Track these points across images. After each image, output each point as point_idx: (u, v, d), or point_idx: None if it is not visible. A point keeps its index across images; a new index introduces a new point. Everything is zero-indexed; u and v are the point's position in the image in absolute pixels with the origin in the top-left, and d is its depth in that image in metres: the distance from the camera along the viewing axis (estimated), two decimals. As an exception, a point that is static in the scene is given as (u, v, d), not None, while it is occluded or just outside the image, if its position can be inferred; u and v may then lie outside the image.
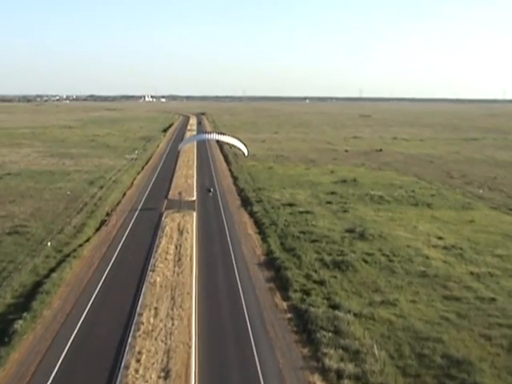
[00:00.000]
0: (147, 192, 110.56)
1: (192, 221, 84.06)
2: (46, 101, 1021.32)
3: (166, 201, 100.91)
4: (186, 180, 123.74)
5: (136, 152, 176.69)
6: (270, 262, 65.07)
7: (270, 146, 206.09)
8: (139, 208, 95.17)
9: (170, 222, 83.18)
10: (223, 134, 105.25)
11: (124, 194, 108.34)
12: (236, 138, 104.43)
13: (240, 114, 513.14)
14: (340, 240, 73.98)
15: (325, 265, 63.47)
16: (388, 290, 56.08)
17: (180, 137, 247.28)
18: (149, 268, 61.80)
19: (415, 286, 57.28)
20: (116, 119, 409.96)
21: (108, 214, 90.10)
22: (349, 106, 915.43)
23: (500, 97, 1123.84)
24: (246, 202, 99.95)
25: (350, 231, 78.65)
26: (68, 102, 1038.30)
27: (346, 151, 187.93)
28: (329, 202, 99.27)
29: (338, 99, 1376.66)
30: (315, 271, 61.00)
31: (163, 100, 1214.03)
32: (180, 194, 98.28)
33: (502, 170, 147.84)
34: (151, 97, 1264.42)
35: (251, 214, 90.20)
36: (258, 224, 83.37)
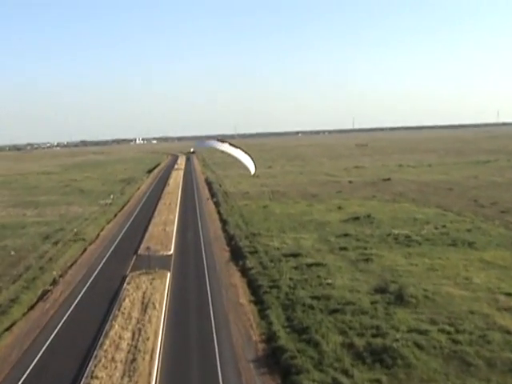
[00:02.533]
0: (113, 246, 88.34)
1: (163, 288, 61.65)
2: (36, 148, 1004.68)
3: (134, 258, 78.82)
4: (164, 227, 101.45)
5: (111, 196, 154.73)
6: (273, 357, 42.68)
7: (264, 181, 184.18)
8: (98, 270, 72.98)
9: (133, 290, 60.75)
10: (235, 146, 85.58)
11: (84, 251, 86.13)
12: (247, 154, 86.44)
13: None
14: (371, 307, 51.79)
15: (358, 357, 41.21)
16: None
17: (165, 177, 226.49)
18: (82, 380, 39.38)
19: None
20: (101, 162, 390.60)
21: (54, 282, 67.72)
22: (342, 137, 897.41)
23: (494, 120, 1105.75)
24: (236, 254, 77.80)
25: (382, 291, 56.57)
26: (59, 148, 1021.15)
27: (351, 182, 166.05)
28: (343, 248, 77.02)
29: (330, 131, 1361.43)
30: (346, 372, 38.61)
31: (154, 142, 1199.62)
32: (148, 249, 75.57)
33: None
34: (142, 139, 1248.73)
35: (244, 272, 68.00)
36: (254, 287, 61.10)
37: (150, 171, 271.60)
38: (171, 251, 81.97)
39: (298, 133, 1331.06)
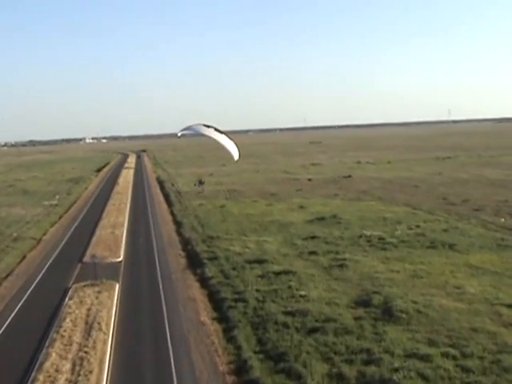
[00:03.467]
0: (56, 253, 79.16)
1: (111, 303, 53.04)
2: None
3: (79, 266, 70.00)
4: (113, 231, 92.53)
5: (57, 197, 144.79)
6: (247, 396, 34.72)
7: (219, 179, 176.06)
8: (36, 281, 63.87)
9: (76, 306, 51.99)
10: (220, 132, 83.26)
11: (23, 258, 76.75)
12: (232, 140, 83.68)
13: (183, 149, 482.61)
14: (355, 325, 44.14)
15: (353, 394, 33.47)
16: None
17: (115, 176, 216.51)
18: None
19: None
20: (49, 161, 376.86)
21: (-16, 297, 58.66)
22: (295, 134, 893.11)
23: (445, 117, 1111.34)
24: (194, 261, 69.48)
25: (364, 304, 49.08)
26: (6, 148, 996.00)
27: (310, 180, 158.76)
28: (313, 253, 69.26)
29: (282, 129, 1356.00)
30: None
31: (104, 141, 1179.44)
32: (94, 257, 66.61)
33: (504, 190, 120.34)
34: (92, 138, 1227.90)
35: (203, 282, 59.72)
36: (216, 301, 52.88)
37: (99, 170, 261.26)
38: (120, 258, 73.30)
39: (248, 131, 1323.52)
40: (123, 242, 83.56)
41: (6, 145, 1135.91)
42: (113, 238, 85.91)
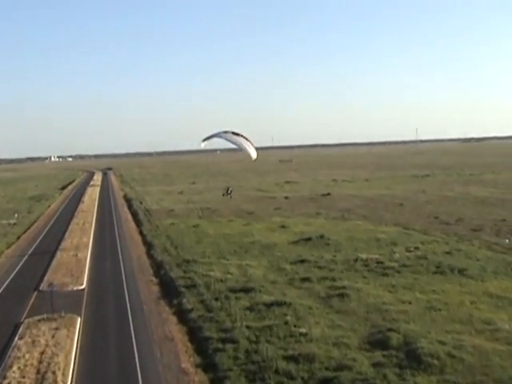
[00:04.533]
0: (9, 279, 69.23)
1: (70, 344, 43.42)
2: None
3: (34, 295, 60.33)
4: (76, 253, 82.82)
5: (16, 216, 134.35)
6: None
7: (190, 197, 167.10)
8: (-18, 315, 54.16)
9: (27, 349, 42.30)
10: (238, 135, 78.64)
11: (-30, 285, 66.91)
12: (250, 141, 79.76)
13: (150, 167, 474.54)
14: (376, 375, 35.32)
15: None
16: None
17: (80, 194, 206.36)
18: None
19: None
20: (11, 179, 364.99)
21: None
22: (262, 153, 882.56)
23: (413, 137, 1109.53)
24: (169, 289, 60.14)
25: (381, 345, 40.37)
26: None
27: (287, 198, 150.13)
28: (305, 280, 60.30)
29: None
30: None
31: (70, 159, 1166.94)
32: (51, 285, 56.70)
33: (497, 209, 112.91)
34: (57, 157, 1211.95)
35: (181, 316, 50.37)
36: (198, 341, 43.63)
37: (63, 188, 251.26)
38: (83, 285, 63.66)
39: (216, 150, 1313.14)
40: (87, 266, 73.97)
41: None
42: (75, 262, 76.31)
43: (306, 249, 78.53)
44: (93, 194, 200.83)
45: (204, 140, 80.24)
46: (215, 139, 78.86)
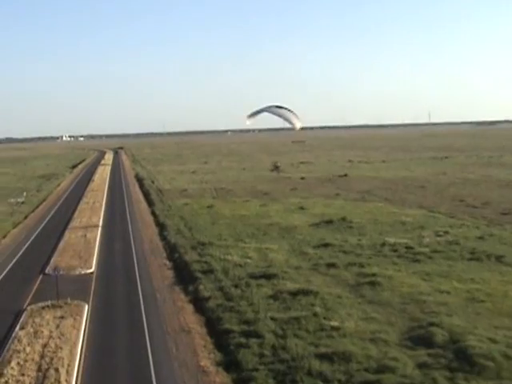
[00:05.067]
0: (13, 261, 64.99)
1: (76, 335, 39.14)
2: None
3: (39, 279, 56.18)
4: (85, 234, 78.76)
5: (24, 194, 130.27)
6: None
7: (203, 177, 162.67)
8: (-18, 300, 49.95)
9: (28, 341, 38.05)
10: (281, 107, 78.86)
11: (-30, 267, 62.69)
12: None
13: (161, 148, 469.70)
14: (425, 379, 30.83)
15: None
16: None
17: (90, 172, 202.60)
18: None
19: None
20: (21, 158, 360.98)
21: None
22: (273, 135, 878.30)
23: (425, 120, 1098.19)
24: (183, 274, 55.87)
25: (424, 342, 35.90)
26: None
27: (303, 179, 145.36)
28: (331, 265, 55.76)
29: (260, 130, 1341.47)
30: None
31: (81, 139, 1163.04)
32: (56, 269, 52.13)
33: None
34: (69, 136, 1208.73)
35: (198, 305, 46.02)
36: (218, 334, 39.23)
37: (74, 167, 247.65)
38: (92, 268, 59.45)
39: (227, 131, 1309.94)
40: (96, 247, 69.75)
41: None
42: (84, 243, 72.14)
43: (329, 232, 74.01)
44: (103, 173, 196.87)
45: (250, 116, 78.45)
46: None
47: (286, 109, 75.41)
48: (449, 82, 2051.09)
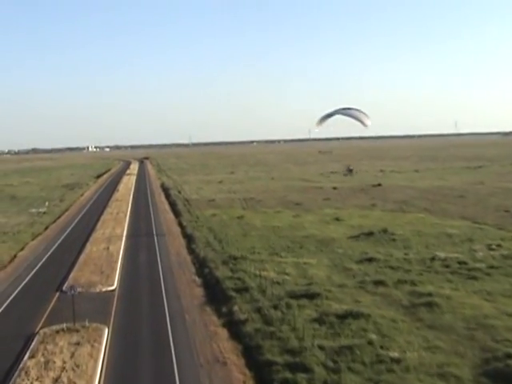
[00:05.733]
0: (30, 276, 60.06)
1: (93, 367, 33.64)
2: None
3: (55, 297, 50.96)
4: (108, 246, 73.71)
5: (46, 204, 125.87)
6: None
7: (231, 187, 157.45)
8: (-8, 321, 44.81)
9: (37, 373, 32.80)
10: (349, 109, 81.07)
11: (-16, 284, 57.61)
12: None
13: (187, 158, 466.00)
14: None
15: None
16: None
17: (115, 182, 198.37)
18: None
19: None
20: (47, 168, 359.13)
21: None
22: (299, 145, 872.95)
23: (451, 131, 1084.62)
24: (215, 292, 50.38)
25: (503, 379, 30.00)
26: (9, 155, 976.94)
27: (335, 189, 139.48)
28: (379, 283, 50.02)
29: (286, 141, 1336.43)
30: None
31: (107, 150, 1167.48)
32: (72, 288, 46.66)
33: None
34: (95, 147, 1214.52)
35: (233, 330, 40.41)
36: (259, 367, 33.63)
37: (98, 176, 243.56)
38: (114, 285, 54.16)
39: (252, 142, 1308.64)
40: (119, 261, 64.48)
41: (8, 152, 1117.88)
42: (106, 257, 66.98)
43: (370, 245, 68.32)
44: (128, 183, 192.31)
45: (319, 122, 75.23)
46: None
47: (354, 109, 72.79)
48: (475, 91, 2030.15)
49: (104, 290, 52.38)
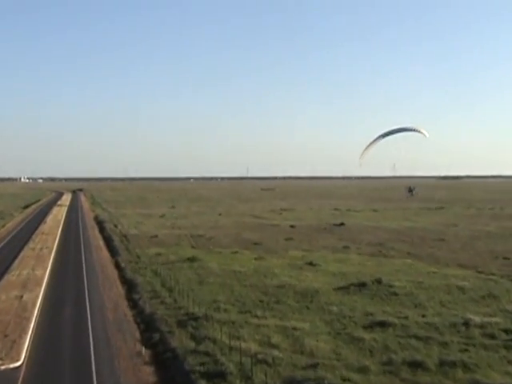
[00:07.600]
0: None
1: None
2: None
3: None
4: (22, 294, 55.92)
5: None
6: None
7: (175, 222, 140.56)
8: None
9: None
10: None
11: None
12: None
13: (123, 190, 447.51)
14: None
15: None
16: None
17: (44, 213, 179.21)
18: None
19: None
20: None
21: None
22: (238, 183, 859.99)
23: (388, 173, 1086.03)
24: (173, 378, 33.32)
25: None
26: None
27: (293, 227, 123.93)
28: (416, 365, 33.93)
29: (223, 178, 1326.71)
30: None
31: (40, 181, 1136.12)
32: None
33: None
34: (27, 178, 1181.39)
35: None
36: None
37: (26, 207, 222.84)
38: (20, 361, 36.50)
39: (189, 178, 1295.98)
40: (33, 319, 46.76)
41: None
42: (17, 310, 49.27)
43: (367, 300, 52.68)
44: (58, 215, 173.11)
45: (362, 154, 61.95)
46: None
47: (395, 130, 63.81)
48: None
49: (3, 368, 34.82)
